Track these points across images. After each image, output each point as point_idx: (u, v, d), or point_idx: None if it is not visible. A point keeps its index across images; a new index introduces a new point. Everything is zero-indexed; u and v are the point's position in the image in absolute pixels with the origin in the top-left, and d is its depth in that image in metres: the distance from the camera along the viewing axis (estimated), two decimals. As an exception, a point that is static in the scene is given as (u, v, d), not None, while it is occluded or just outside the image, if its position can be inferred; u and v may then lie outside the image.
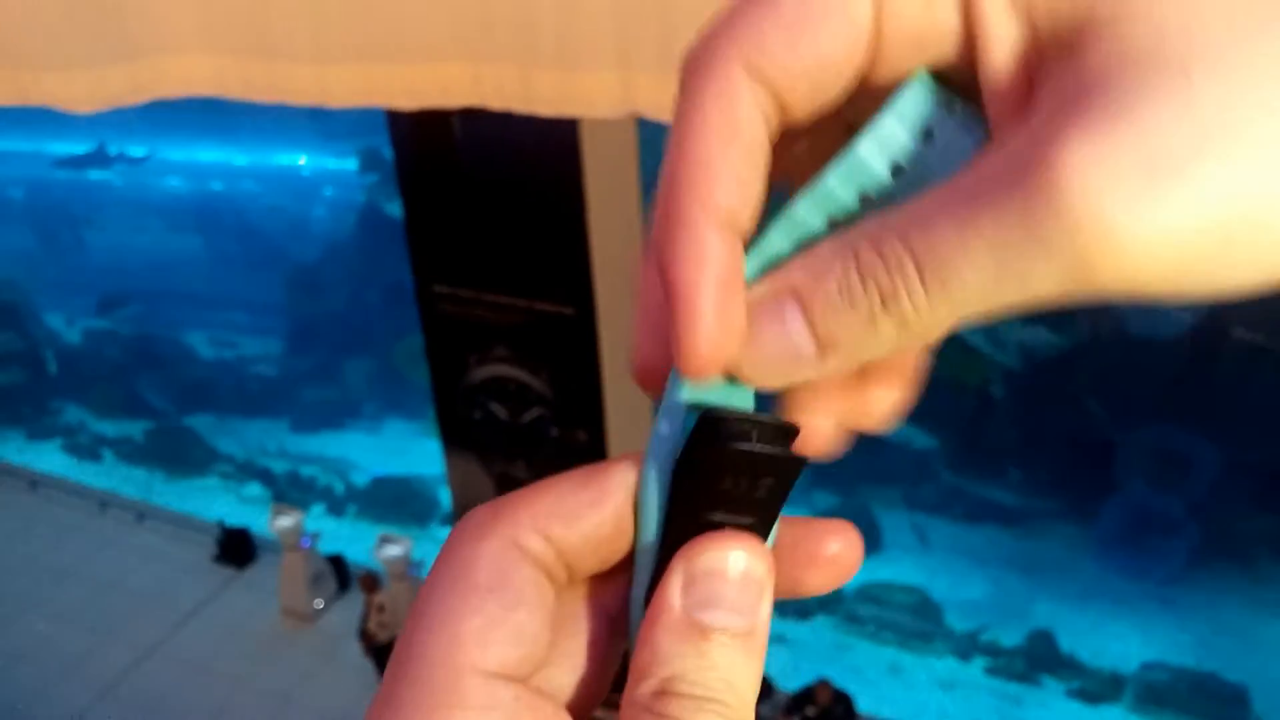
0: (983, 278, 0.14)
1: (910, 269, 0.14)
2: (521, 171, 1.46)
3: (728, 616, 0.17)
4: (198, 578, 2.52)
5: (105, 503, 2.87)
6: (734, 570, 0.17)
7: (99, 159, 5.25)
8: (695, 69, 0.16)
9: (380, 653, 2.09)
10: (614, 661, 0.19)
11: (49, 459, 3.84)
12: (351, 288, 4.60)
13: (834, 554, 0.19)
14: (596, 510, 0.18)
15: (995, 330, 3.24)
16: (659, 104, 0.68)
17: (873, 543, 3.30)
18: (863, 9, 0.15)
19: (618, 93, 0.69)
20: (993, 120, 0.15)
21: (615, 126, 1.47)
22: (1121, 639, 2.98)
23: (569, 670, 0.19)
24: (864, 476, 3.66)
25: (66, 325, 4.80)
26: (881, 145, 0.16)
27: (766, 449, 0.17)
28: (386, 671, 0.17)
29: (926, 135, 0.16)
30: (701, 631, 0.17)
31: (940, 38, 0.15)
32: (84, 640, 2.33)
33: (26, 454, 3.81)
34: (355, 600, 2.33)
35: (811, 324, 0.16)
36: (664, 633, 0.17)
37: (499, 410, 1.70)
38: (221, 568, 2.55)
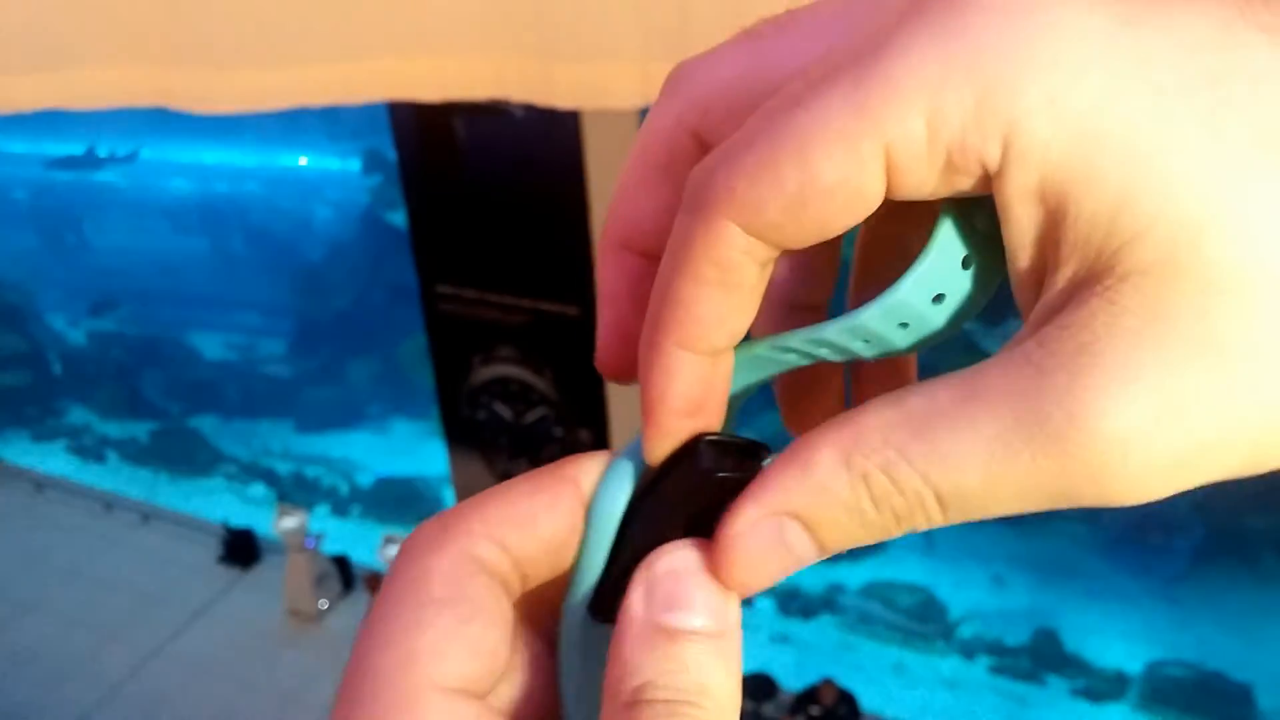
0: (1006, 506, 0.15)
1: (931, 501, 0.15)
2: (524, 172, 1.46)
3: (694, 617, 0.17)
4: (202, 578, 2.53)
5: (110, 504, 2.88)
6: (695, 572, 0.17)
7: (90, 161, 5.26)
8: (692, 203, 0.15)
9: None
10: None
11: (54, 460, 3.85)
12: (355, 288, 4.61)
13: None
14: (552, 514, 0.18)
15: (999, 327, 3.23)
16: None
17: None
18: (874, 183, 0.14)
19: (637, 83, 0.69)
20: (1016, 295, 0.15)
21: (618, 127, 1.47)
22: (1126, 638, 2.98)
23: (518, 686, 0.18)
24: (868, 476, 3.65)
25: (70, 326, 4.82)
26: (923, 282, 0.16)
27: (744, 475, 0.17)
28: (339, 692, 0.17)
29: (964, 263, 0.16)
30: (668, 635, 0.16)
31: (949, 193, 0.15)
32: (88, 641, 2.33)
33: (31, 455, 3.82)
34: (360, 601, 2.33)
35: (819, 541, 0.16)
36: (631, 642, 0.16)
37: (503, 410, 1.70)
38: (226, 568, 2.55)
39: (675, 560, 0.17)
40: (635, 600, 0.17)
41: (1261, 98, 0.12)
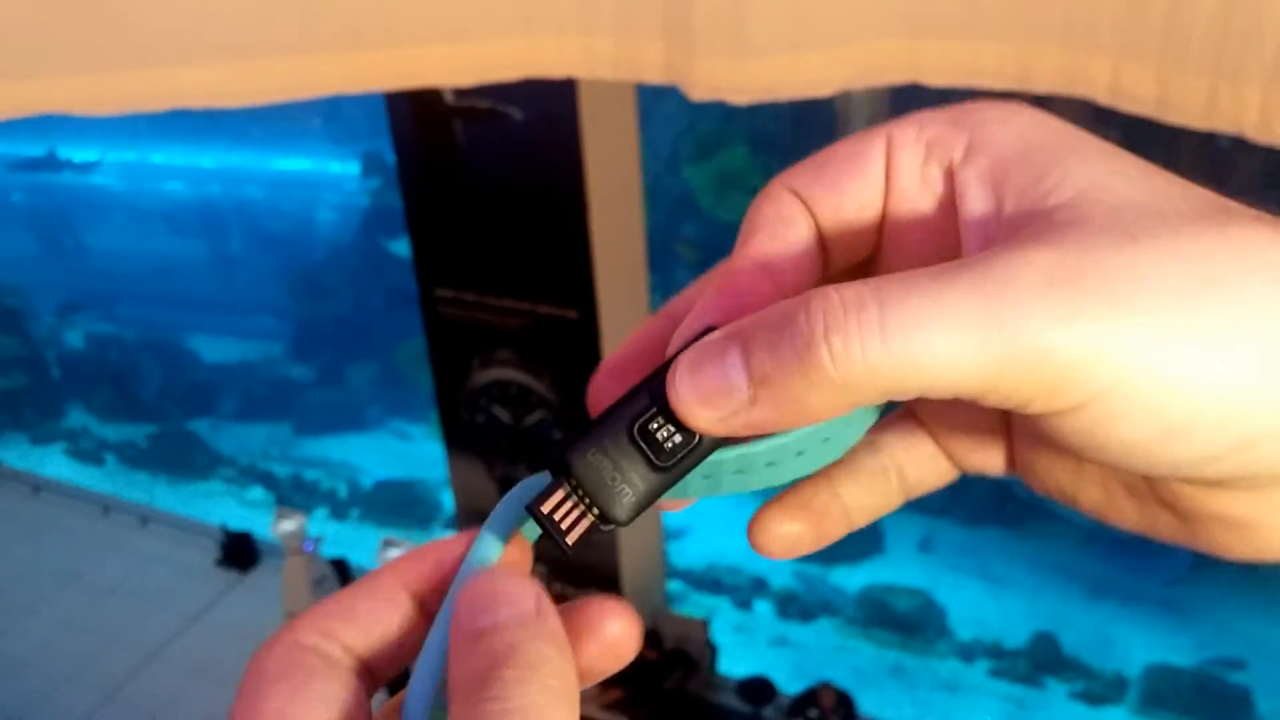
0: (945, 341, 0.15)
1: (873, 313, 0.16)
2: (524, 175, 1.46)
3: (497, 613, 0.18)
4: (201, 581, 2.53)
5: (108, 507, 2.88)
6: (486, 581, 0.18)
7: (50, 163, 5.24)
8: (755, 198, 0.20)
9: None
10: None
11: (52, 463, 3.85)
12: (354, 292, 4.62)
13: (612, 636, 0.19)
14: (371, 603, 0.19)
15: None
16: (699, 81, 0.69)
17: (875, 544, 3.30)
18: (877, 152, 0.19)
19: (661, 59, 0.69)
20: (966, 243, 0.19)
21: (618, 130, 1.47)
22: (1125, 641, 2.98)
23: None
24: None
25: (69, 329, 4.82)
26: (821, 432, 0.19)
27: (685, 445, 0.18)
28: None
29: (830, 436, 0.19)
30: (479, 633, 0.18)
31: (932, 204, 0.19)
32: (87, 644, 2.33)
33: (30, 458, 3.82)
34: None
35: (747, 358, 0.17)
36: (459, 650, 0.17)
37: (502, 413, 1.70)
38: (224, 571, 2.55)
39: (469, 581, 0.18)
40: (459, 615, 0.18)
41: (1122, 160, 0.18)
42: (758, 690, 2.15)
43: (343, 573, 2.51)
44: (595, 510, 0.18)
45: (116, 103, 0.75)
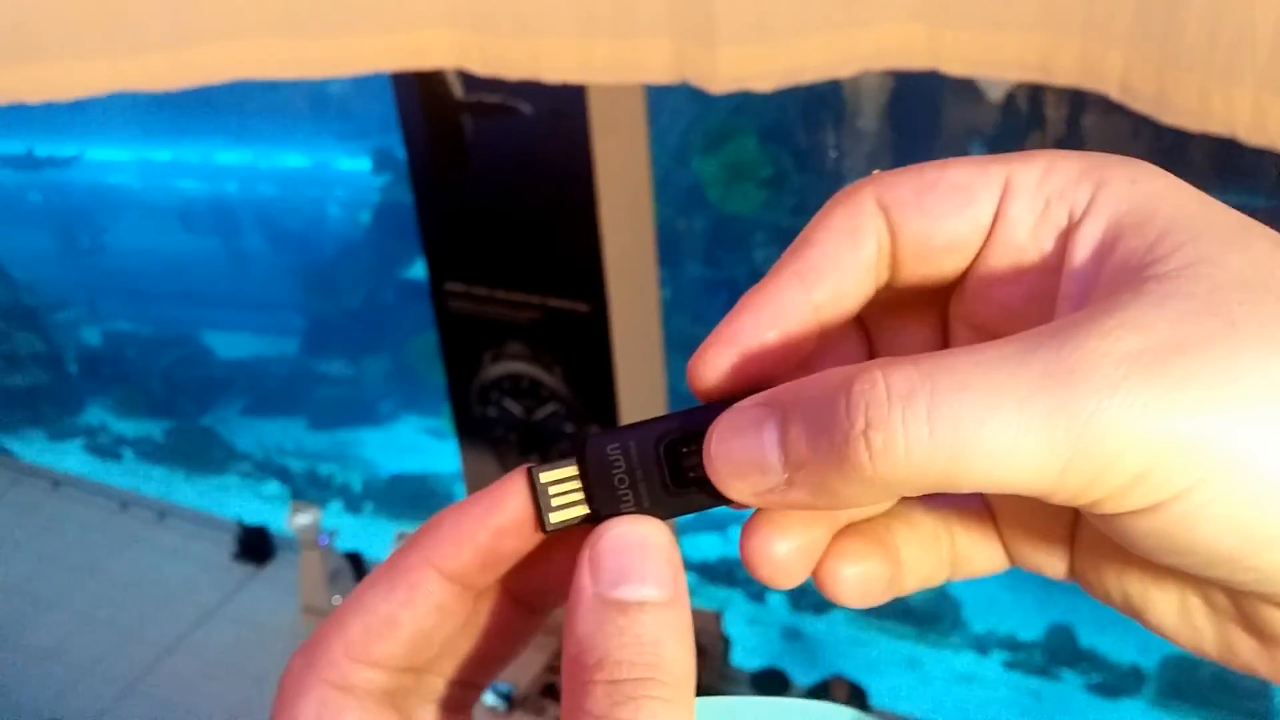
0: (1002, 435, 0.14)
1: (921, 405, 0.14)
2: (533, 169, 1.47)
3: (643, 588, 0.16)
4: (217, 575, 2.55)
5: (126, 502, 2.90)
6: (641, 544, 0.17)
7: (29, 161, 5.25)
8: (839, 194, 0.18)
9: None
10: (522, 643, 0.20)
11: (70, 459, 3.89)
12: (366, 287, 4.63)
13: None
14: (411, 610, 0.18)
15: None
16: (708, 74, 0.68)
17: (889, 537, 3.30)
18: (991, 191, 0.17)
19: (670, 59, 0.69)
20: (1060, 302, 0.18)
21: (627, 123, 1.47)
22: (1142, 632, 2.95)
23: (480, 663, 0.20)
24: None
25: (87, 327, 4.86)
26: None
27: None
28: None
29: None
30: (619, 608, 0.16)
31: (1036, 259, 0.18)
32: (106, 638, 2.35)
33: (48, 454, 3.85)
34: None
35: (783, 438, 0.16)
36: (583, 617, 0.16)
37: (513, 407, 1.71)
38: (241, 565, 2.57)
39: (620, 533, 0.17)
40: (583, 577, 0.17)
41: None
42: (771, 683, 2.15)
43: (358, 566, 2.52)
44: (591, 505, 0.18)
45: (180, 77, 0.76)
